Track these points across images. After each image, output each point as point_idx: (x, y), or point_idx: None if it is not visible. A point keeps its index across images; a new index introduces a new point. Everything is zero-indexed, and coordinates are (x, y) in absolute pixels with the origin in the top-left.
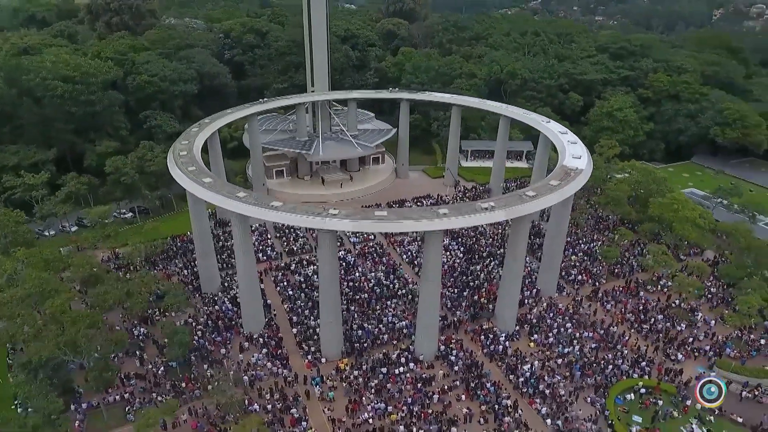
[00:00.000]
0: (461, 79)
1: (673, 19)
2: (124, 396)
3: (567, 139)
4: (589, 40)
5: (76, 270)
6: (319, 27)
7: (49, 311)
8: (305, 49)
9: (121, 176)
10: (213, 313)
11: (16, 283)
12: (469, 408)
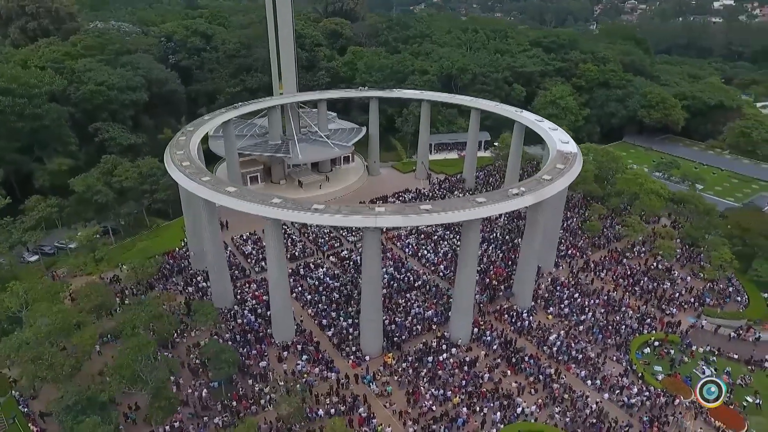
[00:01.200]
0: (414, 75)
1: (563, 14)
2: (174, 426)
3: (547, 127)
4: (521, 35)
5: (86, 299)
6: (286, 26)
7: (79, 346)
8: (270, 50)
9: (94, 195)
10: (236, 327)
11: (30, 322)
12: (517, 381)
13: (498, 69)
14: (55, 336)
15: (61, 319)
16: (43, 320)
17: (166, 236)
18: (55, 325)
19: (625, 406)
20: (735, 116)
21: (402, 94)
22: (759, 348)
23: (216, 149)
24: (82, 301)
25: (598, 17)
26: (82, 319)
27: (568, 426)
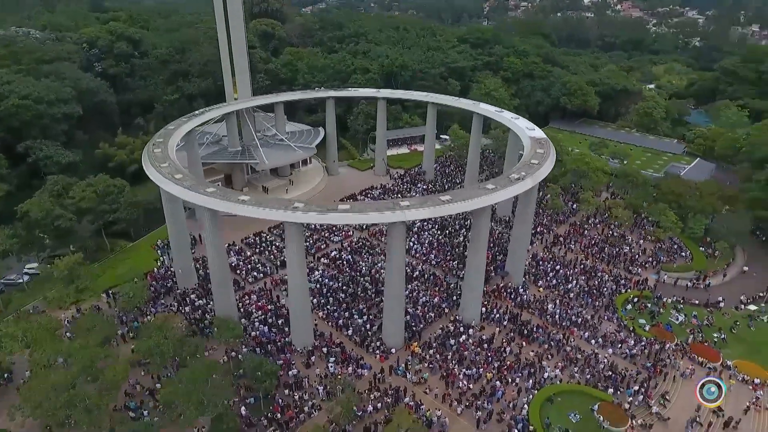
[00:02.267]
0: (357, 74)
1: (458, 11)
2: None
3: (510, 116)
4: (448, 33)
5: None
6: (238, 28)
7: (110, 381)
8: (221, 54)
9: (54, 220)
10: (251, 341)
11: (38, 364)
12: (533, 350)
13: (434, 65)
14: (87, 375)
15: (90, 355)
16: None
17: (136, 258)
18: (85, 363)
19: (628, 357)
20: (637, 99)
21: (357, 93)
22: (711, 292)
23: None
24: (90, 336)
25: (488, 14)
26: (107, 353)
27: (590, 381)
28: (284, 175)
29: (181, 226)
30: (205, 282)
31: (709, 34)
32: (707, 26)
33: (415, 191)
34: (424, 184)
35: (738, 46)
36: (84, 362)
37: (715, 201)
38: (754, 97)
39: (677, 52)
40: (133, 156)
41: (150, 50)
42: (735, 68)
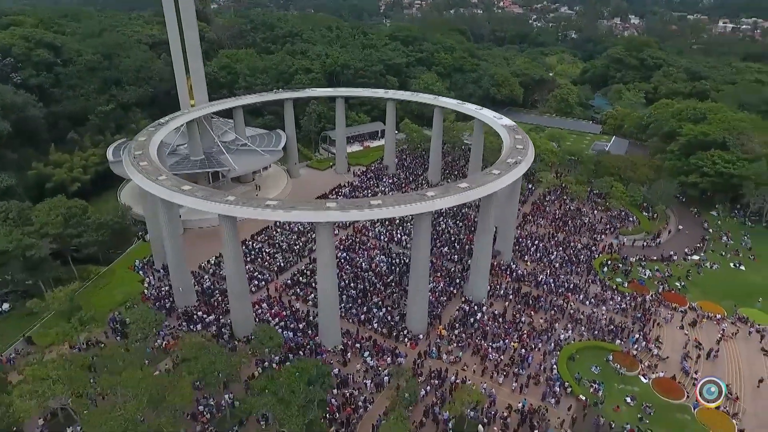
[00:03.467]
0: (300, 75)
1: (357, 10)
2: None
3: (474, 107)
4: (378, 31)
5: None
6: (191, 28)
7: (179, 406)
8: (174, 60)
9: (25, 250)
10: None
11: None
12: (543, 318)
13: (372, 63)
14: (149, 406)
15: (156, 384)
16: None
17: (117, 282)
18: (152, 393)
19: (620, 312)
20: (552, 86)
21: (314, 93)
22: (663, 248)
23: (122, 172)
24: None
25: (386, 12)
26: (172, 379)
27: (597, 337)
28: (246, 182)
29: (177, 241)
30: (204, 297)
31: (583, 27)
32: (579, 20)
33: (383, 186)
34: (389, 179)
35: (607, 36)
36: (151, 391)
37: (647, 171)
38: (639, 80)
39: (558, 44)
40: (72, 174)
41: (75, 57)
42: (621, 56)
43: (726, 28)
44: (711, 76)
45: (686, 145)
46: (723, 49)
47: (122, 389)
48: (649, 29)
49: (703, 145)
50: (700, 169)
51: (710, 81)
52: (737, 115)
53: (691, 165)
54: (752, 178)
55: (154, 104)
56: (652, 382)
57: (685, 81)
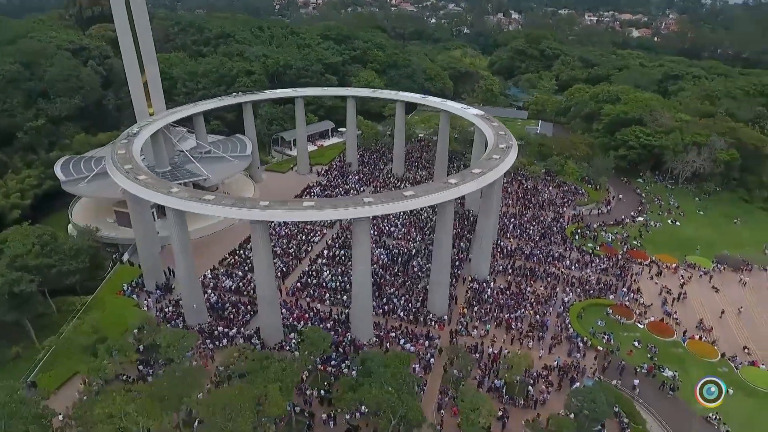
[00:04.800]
0: (242, 77)
1: (252, 10)
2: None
3: (438, 101)
4: (309, 30)
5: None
6: (146, 36)
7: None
8: (126, 64)
9: (12, 286)
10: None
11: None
12: (542, 286)
13: (311, 62)
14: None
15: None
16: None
17: (110, 310)
18: (252, 405)
19: (602, 272)
20: (477, 78)
21: (274, 95)
22: (613, 214)
23: (85, 191)
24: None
25: (281, 11)
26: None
27: (592, 295)
28: (211, 191)
29: (189, 257)
30: (215, 312)
31: (473, 23)
32: (465, 16)
33: (351, 183)
34: (355, 175)
35: (496, 30)
36: (251, 402)
37: (586, 149)
38: (542, 69)
39: (454, 39)
40: (10, 200)
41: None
42: (523, 48)
43: (592, 20)
44: (602, 63)
45: (609, 123)
46: (594, 39)
47: (228, 407)
48: (528, 24)
49: (624, 123)
50: (626, 143)
51: (602, 68)
52: (645, 95)
53: (617, 140)
54: (670, 147)
55: (85, 116)
56: (647, 326)
57: (581, 68)
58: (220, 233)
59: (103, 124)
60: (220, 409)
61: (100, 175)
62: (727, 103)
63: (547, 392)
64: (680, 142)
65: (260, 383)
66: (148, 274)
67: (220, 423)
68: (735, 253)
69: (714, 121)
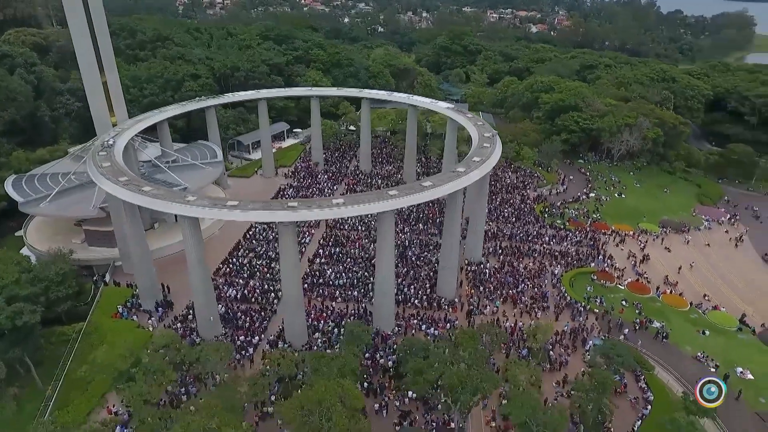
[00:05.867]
0: (189, 81)
1: (154, 11)
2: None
3: (404, 96)
4: (246, 31)
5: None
6: (105, 42)
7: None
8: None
9: (14, 319)
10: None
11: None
12: (531, 262)
13: (257, 63)
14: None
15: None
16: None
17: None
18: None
19: (577, 245)
20: (415, 75)
21: (239, 98)
22: (569, 192)
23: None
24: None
25: (186, 12)
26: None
27: (575, 265)
28: None
29: (205, 269)
30: (227, 323)
31: (387, 21)
32: (377, 15)
33: (322, 182)
34: (324, 174)
35: (409, 29)
36: (335, 399)
37: (536, 136)
38: (467, 64)
39: (370, 37)
40: None
41: None
42: (447, 44)
43: (494, 18)
44: (520, 56)
45: (549, 111)
46: (500, 35)
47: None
48: (438, 21)
49: (562, 109)
50: (567, 128)
51: (521, 60)
52: (574, 83)
53: (558, 126)
54: (606, 129)
55: (18, 131)
56: (627, 286)
57: (503, 62)
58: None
59: (38, 138)
60: (314, 408)
61: (63, 192)
62: (637, 88)
63: (566, 354)
64: (614, 124)
65: (333, 380)
66: (145, 292)
67: (317, 422)
68: (673, 217)
69: (638, 104)
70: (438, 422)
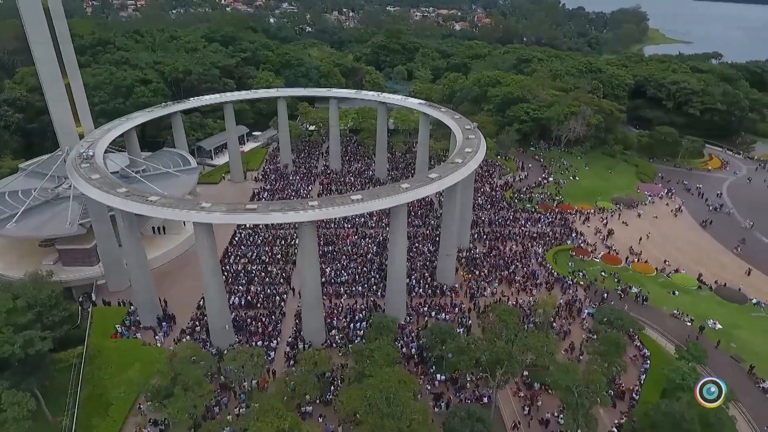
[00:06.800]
0: (139, 87)
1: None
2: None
3: (373, 94)
4: (188, 33)
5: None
6: (67, 45)
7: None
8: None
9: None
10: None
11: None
12: (514, 244)
13: (208, 66)
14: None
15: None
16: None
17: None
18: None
19: (551, 225)
20: (361, 73)
21: (202, 102)
22: (530, 178)
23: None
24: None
25: (96, 15)
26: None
27: (553, 244)
28: None
29: (219, 279)
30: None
31: (314, 21)
32: (303, 15)
33: (296, 183)
34: (296, 175)
35: (338, 28)
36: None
37: (493, 127)
38: (405, 62)
39: (299, 37)
40: None
41: None
42: (386, 43)
43: (418, 16)
44: (456, 53)
45: (499, 103)
46: (426, 33)
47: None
48: (365, 20)
49: (511, 101)
50: (519, 119)
51: (457, 57)
52: (518, 77)
53: (509, 117)
54: (555, 118)
55: None
56: (602, 258)
57: (440, 59)
58: (179, 259)
59: None
60: (378, 394)
61: (29, 211)
62: (570, 80)
63: (568, 324)
64: (561, 113)
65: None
66: (144, 308)
67: (383, 406)
68: (622, 195)
69: (578, 94)
70: (471, 399)
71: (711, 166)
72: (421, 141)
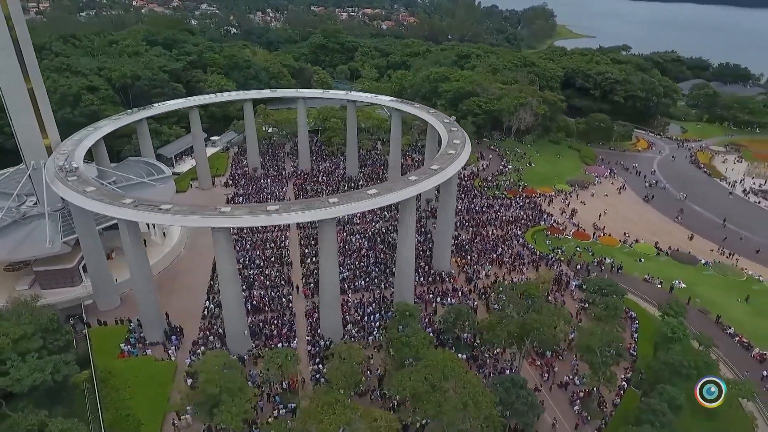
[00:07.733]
0: (86, 95)
1: None
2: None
3: (342, 93)
4: (126, 37)
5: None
6: (28, 49)
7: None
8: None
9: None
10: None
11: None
12: (495, 229)
13: (156, 71)
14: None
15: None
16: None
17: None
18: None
19: (521, 208)
20: (311, 74)
21: (167, 107)
22: (492, 167)
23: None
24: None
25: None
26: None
27: (529, 227)
28: None
29: (237, 285)
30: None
31: (239, 21)
32: (231, 16)
33: (269, 186)
34: (267, 179)
35: (264, 29)
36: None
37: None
38: (346, 62)
39: (225, 39)
40: None
41: None
42: (324, 43)
43: (344, 16)
44: (394, 51)
45: (451, 98)
46: (355, 32)
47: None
48: (291, 20)
49: (463, 96)
50: (472, 112)
51: (396, 55)
52: (465, 72)
53: (463, 111)
54: (506, 110)
55: None
56: (573, 235)
57: (380, 57)
58: (168, 270)
59: None
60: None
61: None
62: (508, 74)
63: (561, 297)
64: (511, 105)
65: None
66: (150, 324)
67: (444, 385)
68: (573, 177)
69: (522, 86)
70: (494, 374)
71: (640, 147)
72: (393, 137)
